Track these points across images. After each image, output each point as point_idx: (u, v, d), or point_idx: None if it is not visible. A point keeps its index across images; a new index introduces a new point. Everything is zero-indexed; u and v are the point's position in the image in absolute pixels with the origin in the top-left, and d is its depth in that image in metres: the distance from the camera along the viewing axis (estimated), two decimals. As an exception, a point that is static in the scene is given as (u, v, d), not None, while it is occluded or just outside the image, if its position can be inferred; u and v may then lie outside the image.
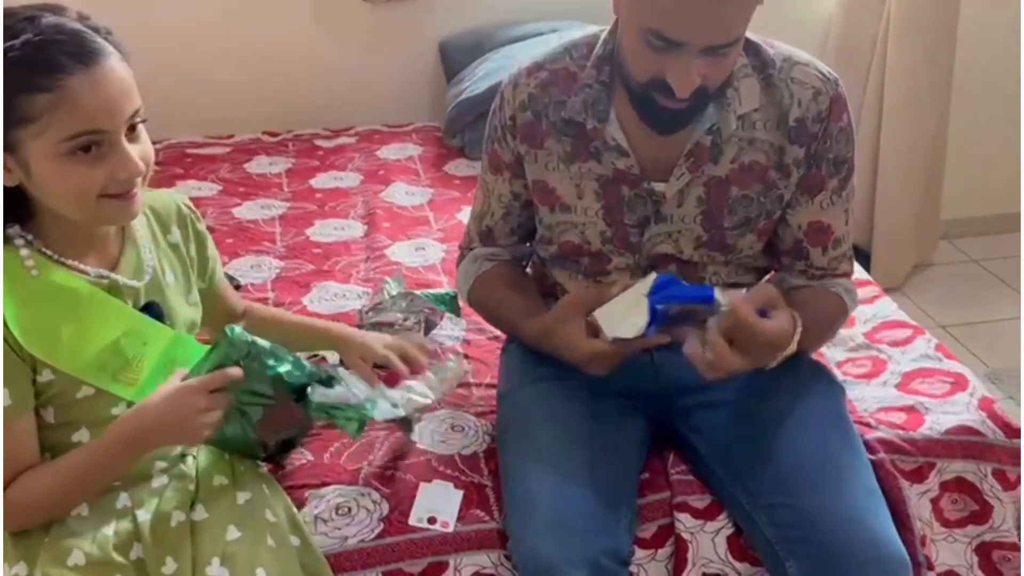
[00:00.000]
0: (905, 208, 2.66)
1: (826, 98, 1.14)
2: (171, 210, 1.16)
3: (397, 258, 1.81)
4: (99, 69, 0.93)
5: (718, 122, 1.13)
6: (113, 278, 1.04)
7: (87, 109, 0.93)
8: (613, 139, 1.15)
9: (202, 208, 1.99)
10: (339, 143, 2.36)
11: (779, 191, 1.17)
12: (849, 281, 1.27)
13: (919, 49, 2.45)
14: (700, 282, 1.23)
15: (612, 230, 1.20)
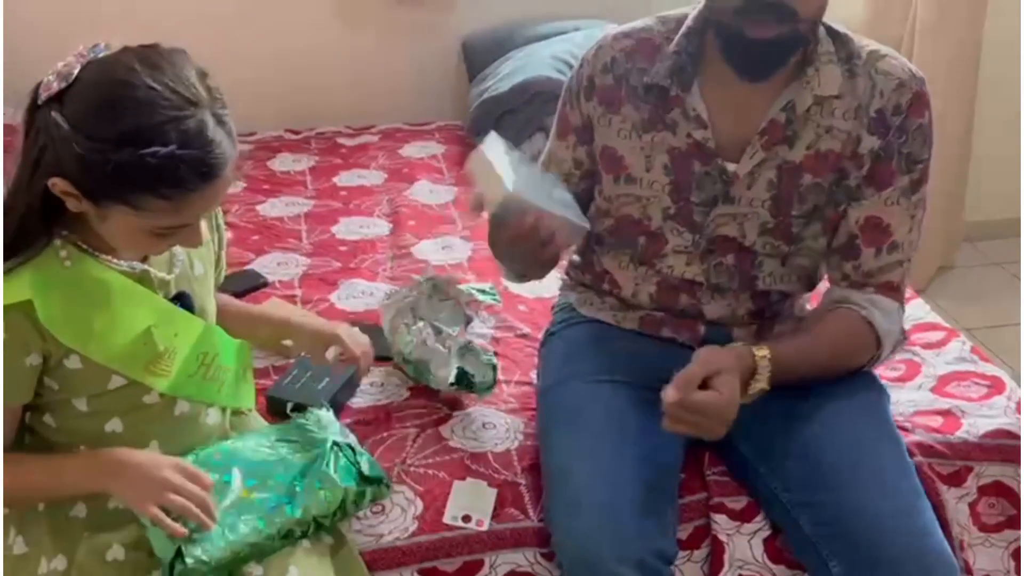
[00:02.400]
0: (928, 211, 2.64)
1: (909, 92, 1.13)
2: None
3: (424, 256, 1.81)
4: (214, 185, 0.93)
5: (794, 99, 1.12)
6: (144, 269, 1.04)
7: (191, 214, 0.96)
8: (693, 109, 1.15)
9: (226, 205, 1.99)
10: (362, 141, 2.36)
11: (849, 181, 1.16)
12: (893, 302, 1.18)
13: (944, 52, 2.43)
14: (752, 281, 1.21)
15: (677, 207, 1.18)
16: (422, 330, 1.42)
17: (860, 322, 1.16)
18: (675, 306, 1.26)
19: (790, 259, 1.21)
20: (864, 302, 1.17)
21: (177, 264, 1.08)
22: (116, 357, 1.00)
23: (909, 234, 1.18)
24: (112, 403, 1.03)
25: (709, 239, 1.19)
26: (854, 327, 1.17)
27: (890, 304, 1.18)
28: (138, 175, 0.90)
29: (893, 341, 1.20)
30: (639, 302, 1.27)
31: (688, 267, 1.22)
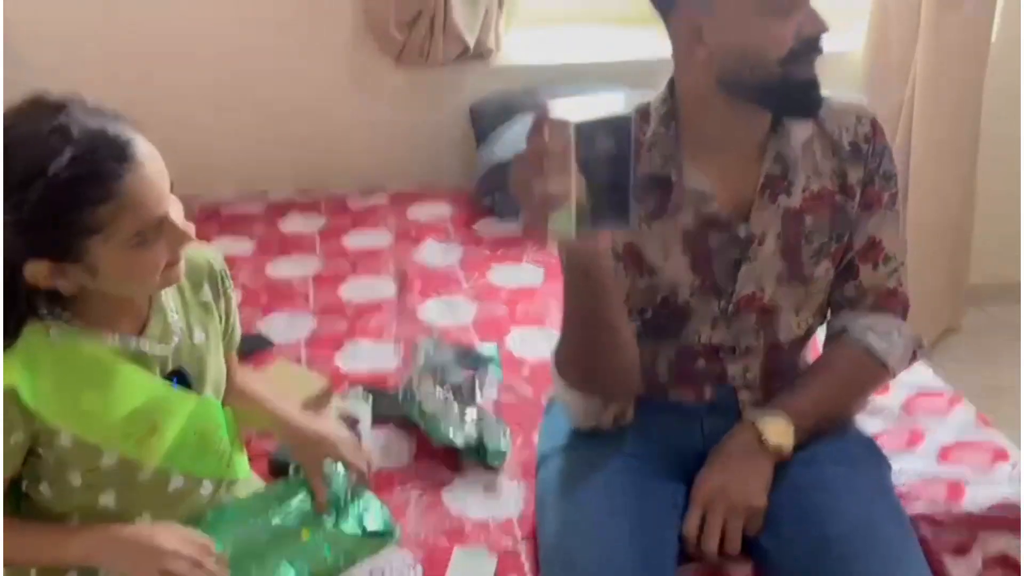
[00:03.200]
0: (932, 274, 2.66)
1: (867, 121, 1.21)
2: (203, 268, 1.16)
3: (429, 318, 1.82)
4: (140, 161, 0.93)
5: (781, 150, 1.17)
6: (139, 346, 1.04)
7: (144, 203, 0.94)
8: (695, 187, 1.17)
9: (237, 266, 2.03)
10: (371, 203, 2.40)
11: (846, 213, 1.21)
12: (891, 317, 1.24)
13: (944, 118, 2.48)
14: (774, 334, 1.23)
15: (701, 279, 1.21)
16: (443, 391, 1.45)
17: (858, 353, 1.22)
18: (692, 371, 1.26)
19: (807, 301, 1.24)
20: (860, 329, 1.22)
21: (175, 335, 1.08)
22: (106, 435, 1.01)
23: (897, 242, 1.24)
24: (105, 478, 1.03)
25: (736, 302, 1.21)
26: (854, 360, 1.23)
27: (887, 322, 1.24)
28: (65, 198, 0.90)
29: (900, 355, 1.24)
30: (655, 371, 1.27)
31: (714, 331, 1.23)
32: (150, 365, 1.05)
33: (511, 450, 1.42)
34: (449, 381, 1.49)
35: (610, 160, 0.91)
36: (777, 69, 1.08)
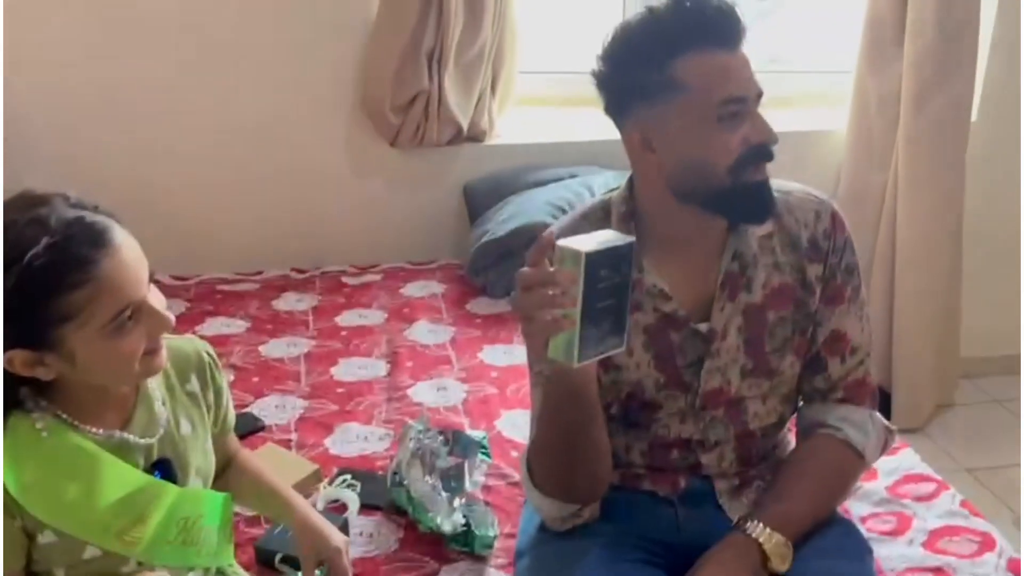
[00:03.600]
0: (923, 349, 2.68)
1: (827, 216, 1.22)
2: (191, 358, 1.17)
3: (419, 398, 1.83)
4: (116, 246, 0.95)
5: (739, 247, 1.18)
6: (123, 437, 1.05)
7: (120, 288, 0.95)
8: (654, 285, 1.19)
9: (230, 346, 2.05)
10: (365, 280, 2.43)
11: (808, 308, 1.22)
12: (862, 410, 1.24)
13: (928, 197, 2.53)
14: (743, 425, 1.24)
15: (665, 376, 1.22)
16: (432, 478, 1.45)
17: (838, 445, 1.22)
18: (666, 463, 1.27)
19: (772, 393, 1.25)
20: (836, 422, 1.23)
21: (160, 426, 1.09)
22: (88, 528, 1.01)
23: (862, 333, 1.25)
24: (89, 571, 1.03)
25: (702, 396, 1.22)
26: (834, 453, 1.22)
27: (860, 414, 1.24)
28: (40, 284, 0.91)
29: (874, 445, 1.25)
30: (630, 460, 1.28)
31: (683, 426, 1.24)
32: (134, 456, 1.06)
33: (499, 538, 1.41)
34: (438, 467, 1.50)
35: (613, 288, 0.94)
36: (726, 177, 1.10)
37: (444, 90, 2.38)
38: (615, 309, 0.96)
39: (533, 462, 1.20)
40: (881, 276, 2.67)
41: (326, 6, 2.37)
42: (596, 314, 0.93)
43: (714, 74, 1.08)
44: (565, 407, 1.09)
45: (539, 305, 0.93)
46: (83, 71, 2.33)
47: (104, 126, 2.38)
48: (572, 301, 0.92)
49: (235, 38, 2.37)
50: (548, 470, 1.18)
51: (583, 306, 0.92)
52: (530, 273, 0.94)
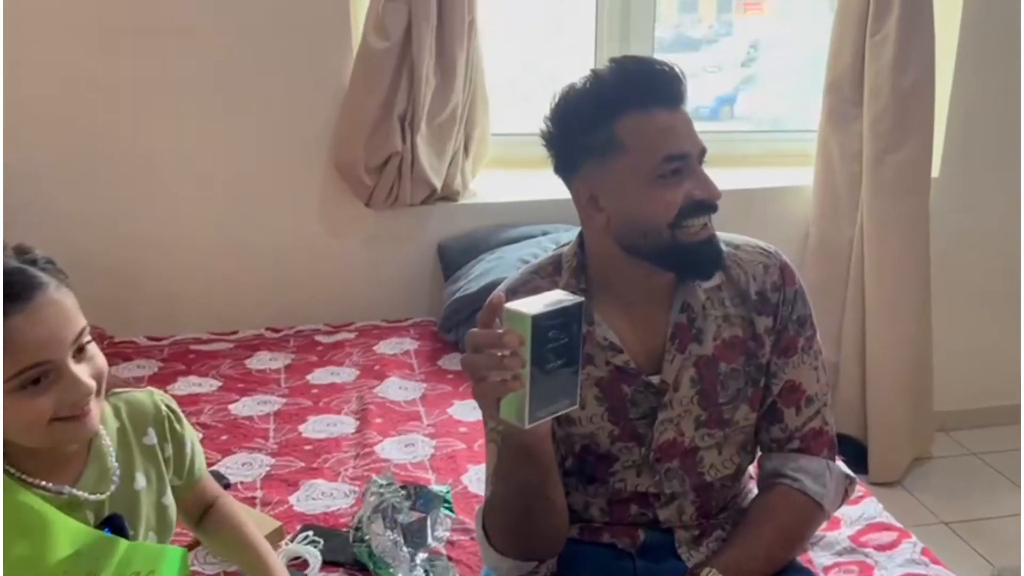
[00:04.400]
0: (897, 402, 2.69)
1: (776, 269, 1.24)
2: (148, 412, 1.17)
3: (386, 455, 1.83)
4: (36, 304, 0.95)
5: (687, 299, 1.20)
6: (73, 493, 1.04)
7: (28, 346, 0.94)
8: (605, 338, 1.20)
9: (200, 405, 2.05)
10: (339, 338, 2.45)
11: (759, 360, 1.23)
12: (819, 460, 1.25)
13: (893, 252, 2.58)
14: (699, 477, 1.25)
15: (619, 428, 1.22)
16: (393, 532, 1.45)
17: (796, 496, 1.22)
18: (625, 516, 1.27)
19: (726, 443, 1.25)
20: (793, 472, 1.23)
21: (112, 482, 1.09)
22: None
23: (818, 384, 1.26)
24: None
25: (655, 449, 1.23)
26: (792, 504, 1.23)
27: (818, 464, 1.25)
28: None
29: (833, 495, 1.25)
30: (589, 516, 1.28)
31: (639, 479, 1.24)
32: (84, 512, 1.06)
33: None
34: (399, 521, 1.49)
35: (563, 349, 0.94)
36: (667, 232, 1.12)
37: (417, 151, 2.43)
38: (566, 368, 0.96)
39: (488, 520, 1.20)
40: (852, 329, 2.70)
41: (302, 70, 2.43)
42: (545, 375, 0.94)
43: (655, 133, 1.11)
44: (519, 466, 1.09)
45: (488, 366, 0.94)
46: (63, 133, 2.38)
47: (82, 190, 2.42)
48: (521, 362, 0.92)
49: (213, 101, 2.42)
50: (503, 528, 1.18)
51: (531, 368, 0.92)
52: (479, 334, 0.95)
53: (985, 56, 2.64)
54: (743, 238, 1.28)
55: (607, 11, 2.70)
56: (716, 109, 3.06)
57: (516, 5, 2.97)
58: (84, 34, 2.32)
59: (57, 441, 1.02)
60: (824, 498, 1.23)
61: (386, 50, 2.33)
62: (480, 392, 0.96)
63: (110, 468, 1.09)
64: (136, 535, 1.10)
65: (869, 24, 2.44)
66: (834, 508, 1.28)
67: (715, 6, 3.00)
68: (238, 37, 2.38)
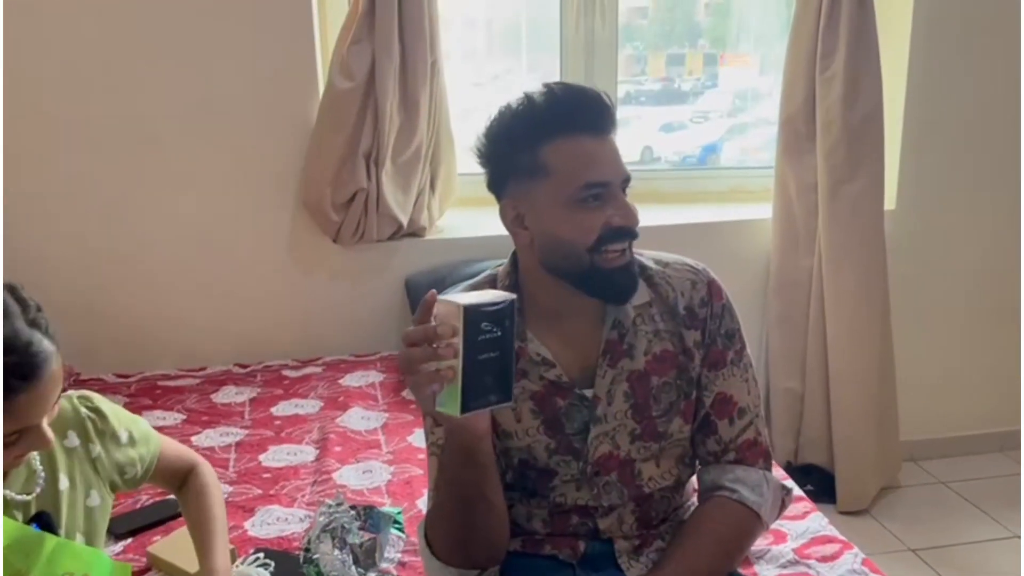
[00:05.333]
0: (862, 431, 2.71)
1: (703, 285, 1.28)
2: (67, 416, 1.20)
3: (343, 481, 1.85)
4: (41, 382, 1.00)
5: (618, 316, 1.24)
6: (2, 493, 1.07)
7: (22, 417, 1.01)
8: (537, 354, 1.23)
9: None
10: (306, 372, 2.47)
11: (689, 373, 1.27)
12: (755, 470, 1.27)
13: (851, 280, 2.63)
14: (638, 489, 1.27)
15: (556, 441, 1.25)
16: (343, 552, 1.46)
17: (734, 506, 1.24)
18: (566, 528, 1.29)
19: (663, 455, 1.28)
20: (731, 483, 1.26)
21: (38, 483, 1.12)
22: None
23: (749, 395, 1.29)
24: None
25: (592, 462, 1.26)
26: (730, 514, 1.25)
27: (755, 474, 1.27)
28: None
29: (771, 505, 1.28)
30: (532, 528, 1.30)
31: (579, 493, 1.27)
32: (11, 512, 1.08)
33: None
34: (349, 542, 1.51)
35: (495, 342, 0.98)
36: (585, 256, 1.16)
37: (382, 188, 2.49)
38: (499, 363, 0.99)
39: (430, 530, 1.22)
40: (815, 359, 2.73)
41: (270, 110, 2.50)
42: (479, 366, 0.97)
43: (578, 159, 1.15)
44: (460, 468, 1.12)
45: (422, 359, 0.97)
46: (31, 171, 2.43)
47: (51, 229, 2.46)
48: (454, 352, 0.96)
49: (182, 141, 2.48)
50: (446, 535, 1.20)
51: (464, 357, 0.96)
52: (413, 330, 0.99)
53: (934, 89, 2.73)
54: (673, 256, 1.32)
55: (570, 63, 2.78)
56: (703, 158, 3.16)
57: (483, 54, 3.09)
58: (54, 74, 2.39)
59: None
60: (762, 508, 1.26)
61: (351, 90, 2.40)
62: (415, 384, 0.99)
63: (35, 470, 1.12)
64: (63, 535, 1.12)
65: (818, 62, 2.53)
66: (772, 519, 1.30)
67: (702, 60, 3.12)
68: (207, 79, 2.45)
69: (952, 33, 2.70)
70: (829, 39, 2.50)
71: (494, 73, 3.11)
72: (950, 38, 2.70)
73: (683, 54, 3.13)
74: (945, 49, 2.71)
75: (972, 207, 2.86)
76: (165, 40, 2.41)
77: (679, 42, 3.15)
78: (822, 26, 2.49)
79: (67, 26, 2.37)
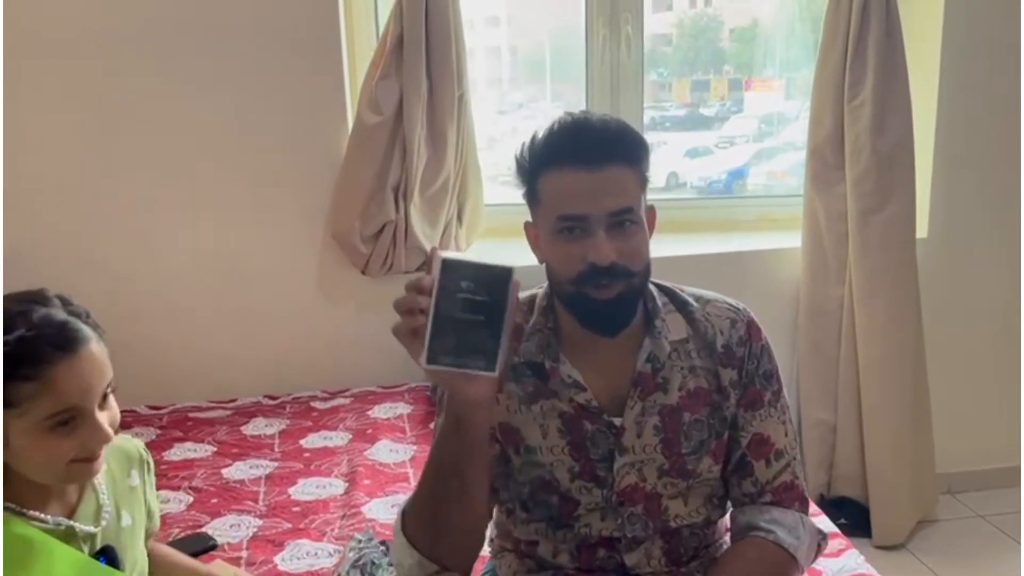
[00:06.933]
0: (897, 463, 2.67)
1: (743, 324, 1.28)
2: (132, 455, 1.26)
3: (372, 515, 1.84)
4: (78, 356, 1.05)
5: (653, 350, 1.24)
6: (70, 525, 1.10)
7: (66, 392, 1.04)
8: (569, 376, 1.23)
9: (193, 469, 2.08)
10: (334, 404, 2.48)
11: (723, 412, 1.26)
12: (792, 512, 1.26)
13: (883, 310, 2.60)
14: (664, 524, 1.26)
15: (580, 465, 1.24)
16: None
17: (770, 547, 1.23)
18: (593, 563, 1.28)
19: (691, 493, 1.27)
20: (767, 524, 1.24)
21: (104, 517, 1.15)
22: None
23: (786, 437, 1.28)
24: None
25: (618, 492, 1.25)
26: (766, 555, 1.23)
27: (791, 516, 1.26)
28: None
29: (807, 548, 1.26)
30: (560, 563, 1.30)
31: (604, 523, 1.26)
32: (79, 543, 1.11)
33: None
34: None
35: (477, 305, 0.96)
36: (570, 287, 1.17)
37: (410, 220, 2.51)
38: (483, 329, 0.97)
39: (408, 507, 1.19)
40: (847, 389, 2.70)
41: (301, 145, 2.54)
42: (450, 322, 0.96)
43: (558, 192, 1.16)
44: (448, 437, 1.10)
45: (405, 305, 1.00)
46: (63, 205, 2.48)
47: (82, 262, 2.50)
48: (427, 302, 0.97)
49: (214, 174, 2.53)
50: (419, 511, 1.16)
51: (435, 308, 0.96)
52: (408, 281, 1.02)
53: (965, 117, 2.70)
54: (714, 294, 1.32)
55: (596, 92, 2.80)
56: (729, 183, 3.15)
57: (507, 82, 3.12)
58: (85, 108, 2.44)
59: (67, 480, 1.10)
60: (798, 550, 1.23)
61: (379, 124, 2.43)
62: (395, 328, 1.02)
63: (102, 504, 1.15)
64: (126, 570, 1.14)
65: (846, 90, 2.52)
66: (808, 562, 1.27)
67: (727, 85, 3.13)
68: (239, 113, 2.50)
69: (982, 61, 2.68)
70: (857, 67, 2.49)
71: (518, 101, 3.14)
72: (980, 65, 2.68)
73: (707, 80, 3.15)
74: (975, 76, 2.69)
75: (1005, 234, 2.82)
76: (197, 75, 2.46)
77: (704, 68, 3.16)
78: (850, 54, 2.49)
79: (102, 58, 2.42)
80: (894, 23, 2.46)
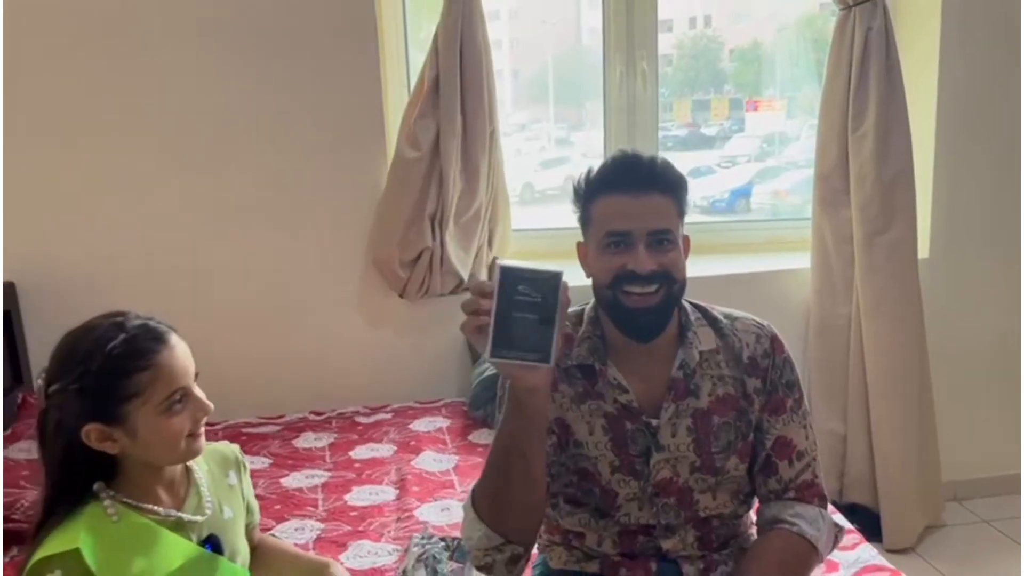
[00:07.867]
0: (905, 471, 2.82)
1: (766, 339, 1.46)
2: (229, 457, 1.43)
3: (425, 517, 2.01)
4: (171, 344, 1.25)
5: (685, 358, 1.42)
6: (178, 516, 1.27)
7: (172, 374, 1.23)
8: (614, 378, 1.41)
9: (254, 479, 2.22)
10: (377, 419, 2.65)
11: (748, 416, 1.44)
12: (813, 507, 1.42)
13: (888, 326, 2.76)
14: (695, 514, 1.43)
15: (620, 460, 1.41)
16: None
17: (794, 538, 1.38)
18: (634, 549, 1.45)
19: (719, 489, 1.44)
20: (791, 518, 1.40)
21: (207, 508, 1.31)
22: None
23: (807, 440, 1.45)
24: None
25: (654, 484, 1.42)
26: (791, 545, 1.38)
27: (812, 511, 1.42)
28: (116, 366, 1.18)
29: (826, 539, 1.42)
30: (604, 551, 1.46)
31: (641, 512, 1.43)
32: (187, 532, 1.27)
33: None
34: (439, 571, 1.67)
35: (533, 305, 1.10)
36: (607, 292, 1.36)
37: (446, 247, 2.69)
38: (539, 327, 1.10)
39: (477, 486, 1.36)
40: (856, 402, 2.86)
41: (344, 177, 2.73)
42: (510, 320, 1.09)
43: (609, 212, 1.36)
44: (510, 417, 1.25)
45: (470, 307, 1.15)
46: (130, 243, 2.67)
47: (135, 289, 2.67)
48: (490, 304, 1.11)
49: (263, 208, 2.72)
50: (487, 489, 1.32)
51: (497, 309, 1.10)
52: (473, 284, 1.19)
53: (962, 145, 2.89)
54: (741, 312, 1.51)
55: (614, 124, 3.00)
56: (732, 202, 3.29)
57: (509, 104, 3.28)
58: (149, 152, 2.64)
59: (187, 456, 1.27)
60: (819, 541, 1.40)
61: (417, 159, 2.62)
62: (463, 325, 1.17)
63: (203, 496, 1.32)
64: (230, 559, 1.30)
65: (850, 122, 2.70)
66: (827, 552, 1.45)
67: (727, 104, 3.25)
68: (288, 150, 2.69)
69: (978, 93, 2.87)
70: (860, 100, 2.68)
71: (521, 122, 3.29)
72: (976, 98, 2.87)
73: (708, 100, 3.25)
74: (972, 109, 2.88)
75: (1002, 253, 2.99)
76: (251, 116, 2.66)
77: (704, 88, 3.27)
78: (852, 88, 2.67)
79: (164, 99, 2.62)
80: (893, 59, 2.65)
